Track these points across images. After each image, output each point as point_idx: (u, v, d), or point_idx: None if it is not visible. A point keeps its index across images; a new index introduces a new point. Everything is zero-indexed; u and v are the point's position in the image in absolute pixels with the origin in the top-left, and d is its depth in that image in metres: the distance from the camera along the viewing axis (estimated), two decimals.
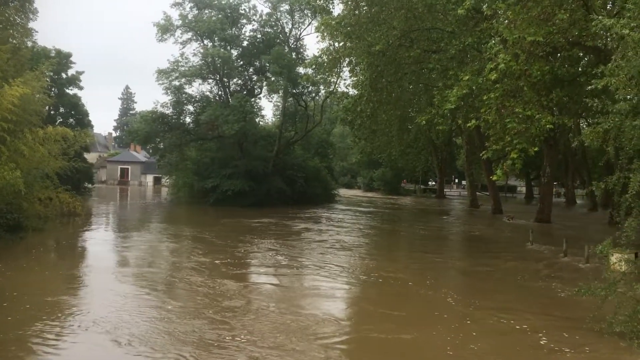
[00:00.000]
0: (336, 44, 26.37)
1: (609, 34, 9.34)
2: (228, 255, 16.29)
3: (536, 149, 16.42)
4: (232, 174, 36.65)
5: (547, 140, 29.34)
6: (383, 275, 14.00)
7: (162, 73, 37.84)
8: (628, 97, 8.41)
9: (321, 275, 13.78)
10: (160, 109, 39.48)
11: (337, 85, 35.91)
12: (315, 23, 37.19)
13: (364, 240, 22.89)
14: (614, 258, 11.00)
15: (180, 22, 38.84)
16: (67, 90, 43.10)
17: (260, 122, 45.05)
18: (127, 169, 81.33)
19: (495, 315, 10.14)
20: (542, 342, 8.43)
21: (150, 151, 45.13)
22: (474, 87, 17.77)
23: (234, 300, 10.57)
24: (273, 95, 44.42)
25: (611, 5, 18.10)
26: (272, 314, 9.69)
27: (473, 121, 18.94)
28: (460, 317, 10.00)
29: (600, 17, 8.91)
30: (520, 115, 15.67)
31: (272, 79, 38.82)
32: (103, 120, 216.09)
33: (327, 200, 44.63)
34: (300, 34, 43.15)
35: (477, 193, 51.11)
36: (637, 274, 9.42)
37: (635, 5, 8.09)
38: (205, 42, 39.73)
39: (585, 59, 23.71)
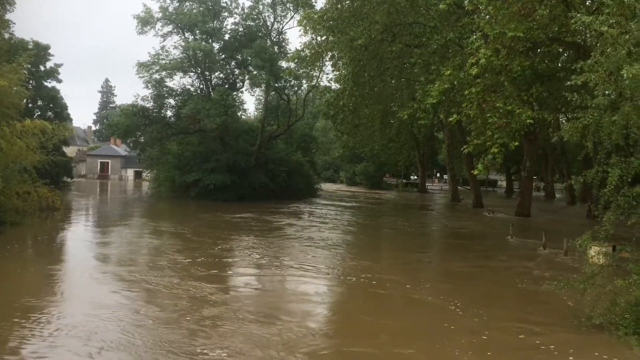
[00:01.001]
0: (319, 38, 26.29)
1: (588, 30, 9.45)
2: (207, 253, 15.48)
3: (516, 143, 16.59)
4: (214, 168, 36.44)
5: (527, 135, 29.63)
6: (372, 277, 12.86)
7: (142, 66, 37.38)
8: (606, 92, 8.51)
9: (304, 277, 12.86)
10: (140, 102, 39.09)
11: (319, 80, 35.89)
12: (297, 17, 37.02)
13: (348, 237, 22.07)
14: (593, 251, 11.17)
15: (161, 14, 38.40)
16: (46, 83, 42.47)
17: (243, 116, 44.84)
18: (107, 163, 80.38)
19: (506, 327, 9.15)
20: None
21: (131, 145, 44.62)
22: (455, 82, 17.87)
23: (211, 307, 9.60)
24: (255, 89, 44.32)
25: (590, 1, 18.29)
26: (251, 324, 8.64)
27: (454, 116, 19.05)
28: (466, 329, 8.79)
29: (579, 14, 8.97)
30: (500, 110, 15.80)
31: (255, 72, 38.59)
32: (82, 113, 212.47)
33: (310, 194, 44.61)
34: (283, 27, 42.98)
35: (459, 187, 51.49)
36: (615, 266, 9.58)
37: (614, 1, 8.17)
38: (187, 35, 39.34)
39: (565, 54, 23.99)
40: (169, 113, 41.14)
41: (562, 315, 9.37)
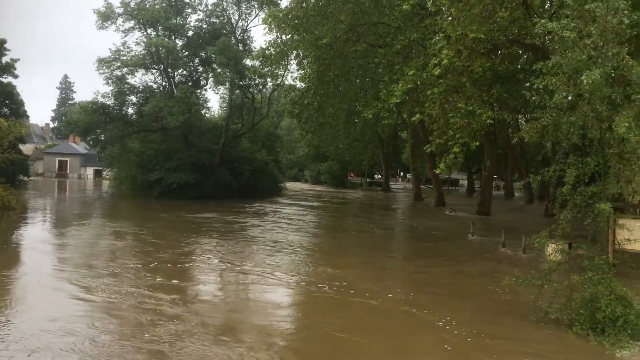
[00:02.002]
0: (283, 37, 26.22)
1: (547, 32, 9.68)
2: (167, 258, 14.44)
3: (477, 143, 16.87)
4: (177, 167, 35.97)
5: (487, 135, 30.31)
6: (343, 285, 11.86)
7: (103, 62, 36.54)
8: (564, 94, 8.74)
9: (269, 285, 11.97)
10: (101, 99, 38.18)
11: (284, 78, 35.76)
12: (262, 15, 36.87)
13: (315, 240, 21.19)
14: (550, 249, 11.45)
15: (122, 9, 37.62)
16: (1, 79, 41.04)
17: (206, 114, 44.37)
18: (66, 161, 78.47)
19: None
20: None
21: (91, 143, 43.55)
22: (418, 82, 18.07)
23: (170, 322, 8.63)
24: (219, 87, 43.88)
25: (549, 4, 18.78)
26: (213, 345, 7.66)
27: (418, 115, 19.28)
28: (461, 348, 8.05)
29: (542, 19, 9.19)
30: (462, 110, 16.05)
31: (219, 70, 38.24)
32: (40, 110, 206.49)
33: (274, 193, 44.52)
34: (247, 25, 42.77)
35: (422, 186, 52.22)
36: (572, 263, 9.87)
37: (575, 2, 8.39)
38: (149, 31, 38.69)
39: (524, 56, 24.56)
40: (130, 110, 40.37)
41: (521, 311, 9.59)
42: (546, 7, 19.05)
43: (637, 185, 14.10)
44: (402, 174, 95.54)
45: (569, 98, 8.65)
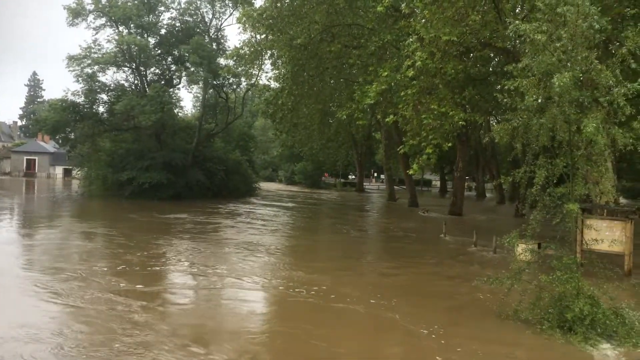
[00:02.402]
0: (258, 36, 26.17)
1: (518, 36, 9.86)
2: (137, 261, 13.80)
3: (450, 144, 17.08)
4: (149, 166, 35.47)
5: (459, 137, 30.72)
6: (323, 289, 11.39)
7: (73, 59, 35.77)
8: (534, 96, 8.90)
9: (243, 290, 11.42)
10: (71, 97, 37.32)
11: (258, 78, 35.67)
12: (236, 14, 36.66)
13: (290, 242, 20.45)
14: (520, 249, 11.65)
15: (93, 6, 36.90)
16: None
17: (179, 114, 43.89)
18: (34, 160, 76.78)
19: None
20: None
21: (60, 141, 42.64)
22: (392, 83, 18.20)
23: (139, 331, 8.11)
24: (193, 86, 43.39)
25: (520, 8, 19.10)
26: (186, 358, 7.23)
27: (391, 116, 19.41)
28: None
29: (516, 21, 9.34)
30: (435, 112, 16.22)
31: (192, 69, 37.83)
32: (7, 108, 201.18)
33: (248, 193, 44.31)
34: (221, 24, 42.42)
35: (395, 187, 52.63)
36: (541, 263, 10.05)
37: (546, 6, 8.54)
38: (121, 28, 38.04)
39: (496, 59, 24.95)
40: (101, 109, 39.55)
41: (491, 310, 9.73)
42: (517, 11, 19.37)
43: (604, 186, 14.48)
44: (375, 174, 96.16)
45: (539, 100, 8.82)
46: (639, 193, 62.58)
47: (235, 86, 43.39)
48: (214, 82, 39.94)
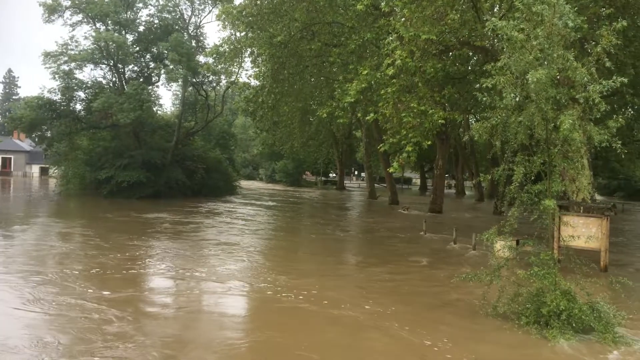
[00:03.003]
0: (238, 34, 26.01)
1: (496, 35, 9.98)
2: (112, 263, 13.26)
3: (429, 142, 17.14)
4: (128, 165, 35.10)
5: (439, 135, 30.94)
6: (313, 294, 10.77)
7: (49, 56, 35.20)
8: (512, 95, 9.00)
9: (224, 296, 10.70)
10: (47, 94, 36.77)
11: (238, 76, 35.45)
12: (216, 11, 36.42)
13: (273, 243, 19.75)
14: (498, 245, 11.78)
15: (70, 2, 36.35)
16: None
17: (159, 112, 43.53)
18: (10, 158, 75.48)
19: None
20: None
21: (36, 140, 41.92)
22: (372, 82, 18.23)
23: (116, 344, 7.52)
24: (172, 83, 42.97)
25: (498, 8, 19.30)
26: None
27: (372, 115, 19.44)
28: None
29: (493, 18, 9.43)
30: (415, 110, 16.28)
31: (171, 67, 37.48)
32: None
33: (229, 192, 44.10)
34: (201, 21, 42.24)
35: (376, 185, 52.82)
36: (519, 259, 10.18)
37: (524, 5, 8.63)
38: (98, 25, 37.55)
39: (475, 58, 25.18)
40: (78, 107, 39.02)
41: (470, 306, 9.83)
42: (495, 10, 19.56)
43: (581, 183, 14.72)
44: (356, 172, 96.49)
45: (517, 99, 8.93)
46: (614, 190, 63.89)
47: (215, 84, 43.19)
48: (194, 80, 39.67)
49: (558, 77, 8.77)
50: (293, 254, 17.49)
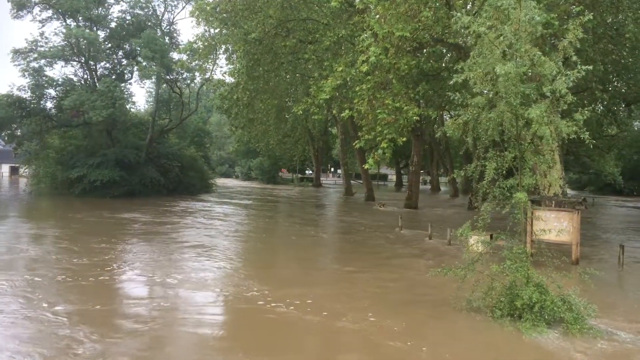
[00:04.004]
0: (212, 30, 25.81)
1: (468, 32, 10.09)
2: (80, 269, 12.33)
3: (404, 139, 17.29)
4: (101, 164, 34.60)
5: (414, 131, 31.16)
6: (308, 303, 9.81)
7: (18, 53, 34.46)
8: (485, 91, 9.12)
9: (203, 308, 9.60)
10: (16, 92, 35.93)
11: (213, 73, 35.23)
12: (189, 7, 36.08)
13: (250, 245, 18.57)
14: (472, 240, 11.92)
15: None
16: None
17: (132, 109, 42.95)
18: None
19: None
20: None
21: (6, 138, 41.01)
22: (347, 79, 18.31)
23: None
24: (145, 80, 42.53)
25: (471, 5, 19.51)
26: None
27: (347, 111, 19.52)
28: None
29: (460, 14, 9.53)
30: (389, 107, 16.40)
31: (144, 63, 36.98)
32: None
33: (204, 190, 43.81)
34: (174, 18, 42.06)
35: (352, 181, 53.06)
36: (492, 254, 10.32)
37: (490, 6, 8.76)
38: (68, 21, 36.82)
39: (448, 55, 25.44)
40: (49, 104, 38.23)
41: (446, 300, 9.94)
42: (468, 7, 19.77)
43: (552, 178, 14.99)
44: (332, 169, 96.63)
45: (490, 95, 9.05)
46: (585, 184, 65.28)
47: (189, 81, 42.81)
48: (167, 77, 39.22)
49: (530, 72, 8.91)
50: (275, 258, 16.30)
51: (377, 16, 16.93)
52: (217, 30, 25.23)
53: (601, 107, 28.69)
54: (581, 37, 8.92)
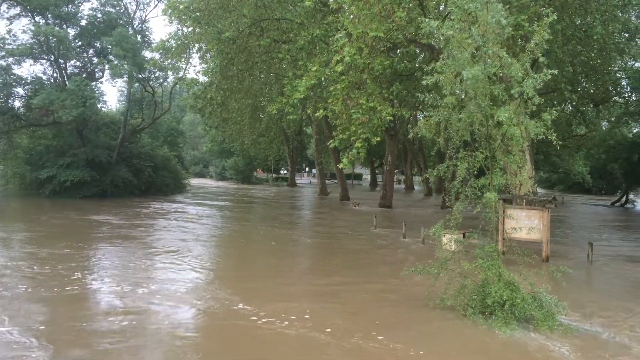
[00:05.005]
0: (185, 29, 25.55)
1: (437, 34, 10.18)
2: (42, 279, 11.41)
3: (378, 138, 17.37)
4: (71, 164, 33.98)
5: (388, 131, 31.40)
6: (306, 318, 8.94)
7: None
8: (457, 91, 9.21)
9: (181, 324, 8.62)
10: None
11: (186, 72, 34.81)
12: (162, 5, 35.63)
13: (226, 250, 17.51)
14: (445, 239, 12.04)
15: None
16: None
17: (103, 108, 42.15)
18: None
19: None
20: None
21: None
22: (322, 78, 18.31)
23: None
24: (117, 79, 41.70)
25: (444, 6, 19.70)
26: None
27: (321, 111, 19.53)
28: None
29: (428, 19, 9.62)
30: (364, 106, 16.45)
31: (115, 62, 36.38)
32: None
33: (178, 190, 43.38)
34: (146, 16, 41.43)
35: (327, 181, 53.12)
36: (465, 252, 10.45)
37: (458, 8, 8.85)
38: (37, 18, 36.00)
39: (422, 55, 25.65)
40: (17, 103, 37.32)
41: (419, 298, 10.03)
42: (441, 8, 19.96)
43: (522, 177, 15.24)
44: (307, 169, 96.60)
45: (462, 96, 9.15)
46: (555, 183, 66.63)
47: (162, 80, 42.26)
48: (140, 76, 38.63)
49: (500, 74, 9.04)
50: (255, 266, 14.74)
51: (351, 16, 16.98)
52: (190, 29, 24.95)
53: (570, 108, 29.28)
54: (549, 39, 9.09)
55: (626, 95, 30.82)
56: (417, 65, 24.83)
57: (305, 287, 12.11)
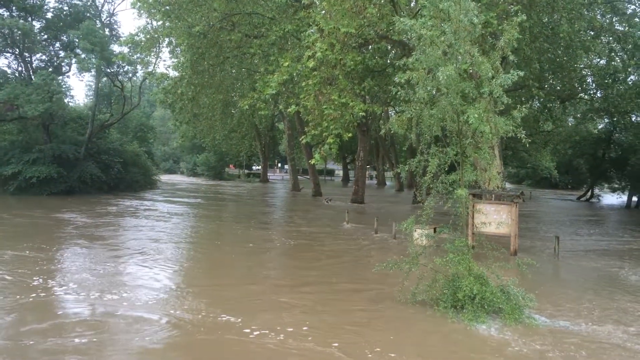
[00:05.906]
0: (154, 23, 25.13)
1: (410, 33, 10.25)
2: (1, 281, 10.78)
3: (350, 134, 17.41)
4: (37, 160, 33.19)
5: (360, 127, 31.52)
6: (304, 331, 8.12)
7: None
8: (429, 87, 9.28)
9: (160, 333, 7.94)
10: None
11: (156, 66, 34.30)
12: None
13: (199, 253, 15.64)
14: (417, 234, 12.16)
15: None
16: None
17: (70, 103, 41.32)
18: None
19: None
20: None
21: None
22: (294, 74, 18.23)
23: None
24: (84, 73, 40.87)
25: (415, 2, 19.84)
26: None
27: (293, 107, 19.46)
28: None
29: (402, 17, 9.66)
30: (336, 102, 16.47)
31: (83, 56, 35.58)
32: None
33: (148, 186, 42.80)
34: (114, 9, 40.84)
35: (299, 177, 53.06)
36: (436, 247, 10.56)
37: (431, 4, 8.93)
38: (1, 11, 34.98)
39: (393, 51, 25.78)
40: None
41: (391, 294, 10.10)
42: (412, 5, 20.09)
43: (491, 173, 15.45)
44: (279, 164, 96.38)
45: (434, 92, 9.24)
46: (523, 178, 67.96)
47: (131, 74, 41.55)
48: (108, 70, 37.93)
49: (470, 71, 9.15)
50: (233, 269, 13.51)
51: (323, 12, 16.97)
52: (159, 23, 24.53)
53: (537, 104, 29.86)
54: (517, 37, 9.24)
55: (591, 92, 31.52)
56: (388, 61, 24.96)
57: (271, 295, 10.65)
